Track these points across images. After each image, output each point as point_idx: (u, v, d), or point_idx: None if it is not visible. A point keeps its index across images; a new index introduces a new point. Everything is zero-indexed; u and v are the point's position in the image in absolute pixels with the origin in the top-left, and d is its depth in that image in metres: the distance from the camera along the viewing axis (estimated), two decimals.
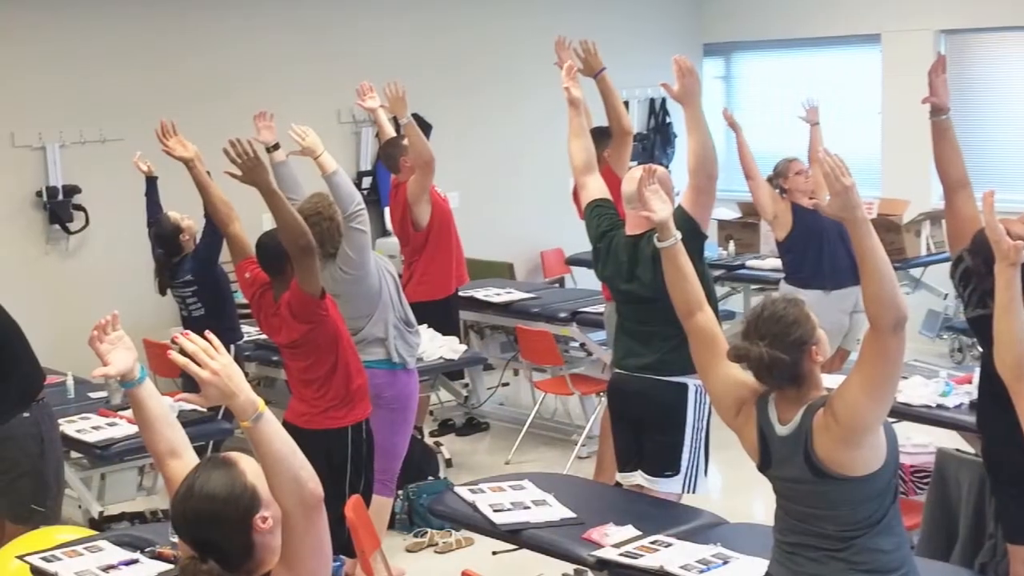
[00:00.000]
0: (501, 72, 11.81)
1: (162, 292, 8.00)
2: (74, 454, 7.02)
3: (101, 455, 6.70)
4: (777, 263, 9.18)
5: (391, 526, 7.19)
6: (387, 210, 9.46)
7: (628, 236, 5.78)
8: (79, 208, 9.67)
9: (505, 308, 9.30)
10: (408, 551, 7.32)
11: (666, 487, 5.82)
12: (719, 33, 13.07)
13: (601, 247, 5.91)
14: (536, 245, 11.92)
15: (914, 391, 6.35)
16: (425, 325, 7.72)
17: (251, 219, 6.82)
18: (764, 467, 4.03)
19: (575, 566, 5.46)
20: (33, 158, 9.54)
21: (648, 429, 5.84)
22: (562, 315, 8.95)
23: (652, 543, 4.94)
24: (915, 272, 10.48)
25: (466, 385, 9.40)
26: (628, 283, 5.80)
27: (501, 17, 11.86)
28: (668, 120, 12.87)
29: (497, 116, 11.83)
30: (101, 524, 7.01)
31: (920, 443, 7.12)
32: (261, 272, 6.02)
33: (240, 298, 7.26)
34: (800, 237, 8.32)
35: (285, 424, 5.57)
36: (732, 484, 7.93)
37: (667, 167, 10.54)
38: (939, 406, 6.30)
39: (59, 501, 6.32)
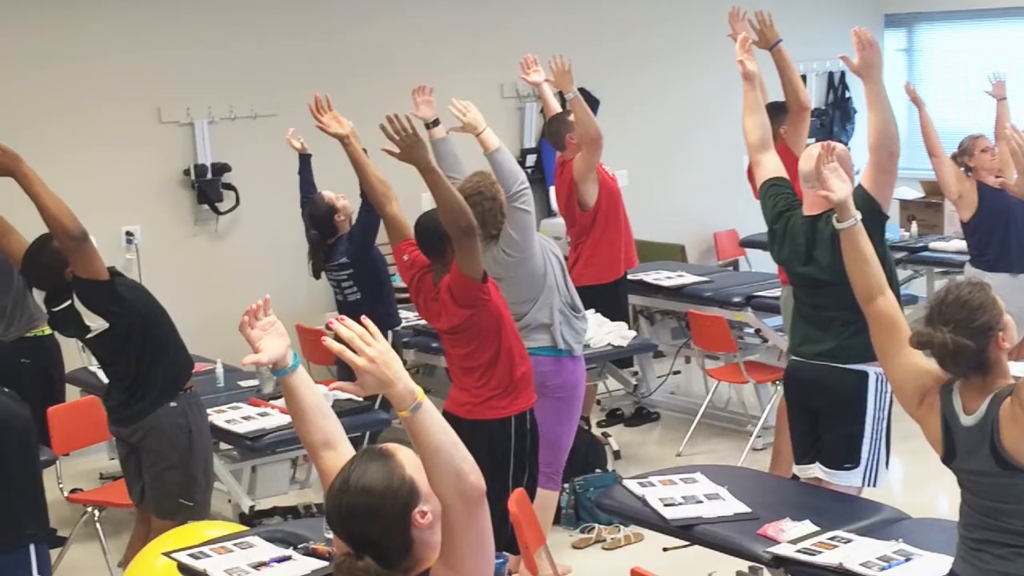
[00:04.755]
0: (672, 44, 11.65)
1: (316, 275, 7.97)
2: (223, 446, 7.04)
3: (252, 447, 6.66)
4: (962, 245, 9.09)
5: (556, 521, 7.16)
6: (552, 189, 9.47)
7: (806, 216, 5.67)
8: (229, 187, 9.56)
9: (676, 292, 9.20)
10: (574, 547, 7.23)
11: (845, 480, 5.73)
12: (901, 3, 12.91)
13: (777, 228, 5.81)
14: (709, 226, 11.77)
15: None
16: (592, 310, 7.66)
17: (409, 199, 6.76)
18: (948, 459, 3.99)
19: (749, 563, 5.40)
20: (181, 135, 9.43)
21: (826, 419, 5.76)
22: (736, 299, 8.84)
23: (831, 539, 4.87)
24: None
25: (635, 373, 9.27)
26: (805, 266, 5.70)
27: None
28: (847, 95, 12.75)
29: (668, 90, 11.67)
30: (252, 519, 7.03)
31: None
32: (420, 254, 5.91)
33: (398, 282, 7.24)
34: (986, 217, 8.20)
35: (445, 414, 5.55)
36: (915, 477, 7.80)
37: (846, 144, 10.45)
38: None
39: (208, 495, 6.23)
